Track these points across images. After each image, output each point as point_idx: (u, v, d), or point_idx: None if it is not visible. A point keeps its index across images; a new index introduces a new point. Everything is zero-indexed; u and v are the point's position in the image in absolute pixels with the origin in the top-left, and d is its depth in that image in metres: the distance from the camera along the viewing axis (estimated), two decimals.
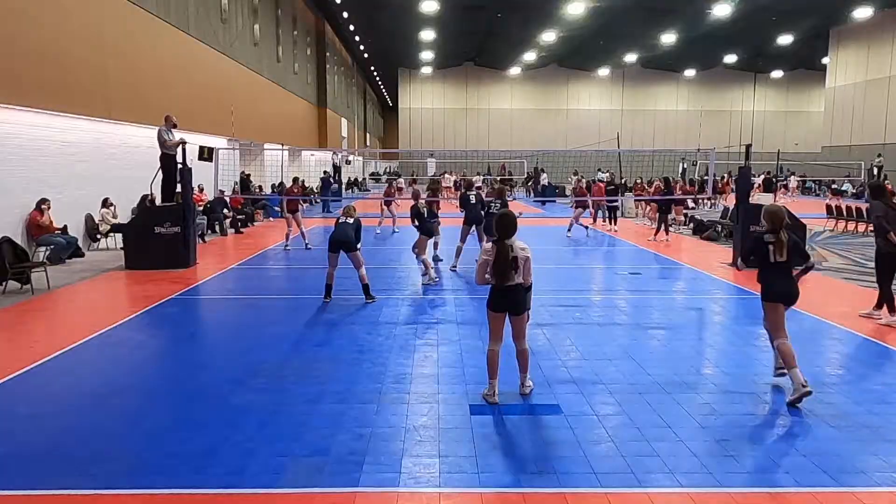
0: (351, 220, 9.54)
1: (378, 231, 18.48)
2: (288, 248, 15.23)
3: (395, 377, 6.24)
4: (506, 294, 5.49)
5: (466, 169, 43.22)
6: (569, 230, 18.15)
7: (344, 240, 9.33)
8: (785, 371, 5.76)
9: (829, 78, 42.61)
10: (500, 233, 5.46)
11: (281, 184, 22.66)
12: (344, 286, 10.88)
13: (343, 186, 36.63)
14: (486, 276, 5.51)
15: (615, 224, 20.00)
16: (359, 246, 9.53)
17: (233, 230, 18.69)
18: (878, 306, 8.48)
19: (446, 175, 36.35)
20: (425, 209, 11.79)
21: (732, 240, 13.97)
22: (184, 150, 13.20)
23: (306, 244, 15.39)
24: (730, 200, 22.97)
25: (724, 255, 13.89)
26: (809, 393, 5.43)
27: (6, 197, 11.87)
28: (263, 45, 28.26)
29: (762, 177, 30.51)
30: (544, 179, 33.32)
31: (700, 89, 58.61)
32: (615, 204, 20.38)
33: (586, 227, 18.66)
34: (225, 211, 18.99)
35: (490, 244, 5.55)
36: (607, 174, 26.71)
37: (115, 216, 14.96)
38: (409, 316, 8.75)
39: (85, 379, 6.29)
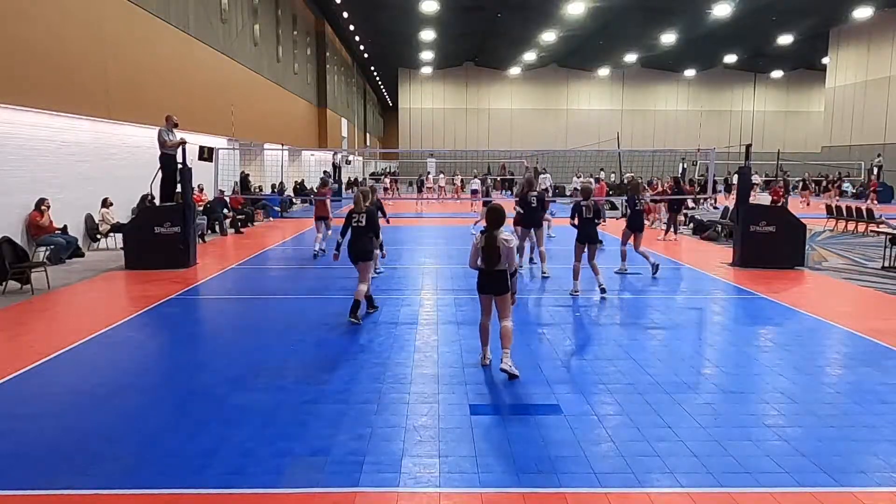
0: (363, 222, 8.35)
1: None
2: None
3: (395, 377, 6.24)
4: (490, 278, 6.27)
5: (466, 168, 43.18)
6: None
7: (361, 249, 8.32)
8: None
9: (829, 78, 42.62)
10: (490, 224, 6.20)
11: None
12: (344, 286, 10.88)
13: (343, 186, 36.61)
14: (478, 262, 6.30)
15: None
16: (378, 247, 8.33)
17: (233, 230, 18.69)
18: None
19: (430, 176, 36.03)
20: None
21: (732, 240, 13.96)
22: (184, 150, 13.20)
23: None
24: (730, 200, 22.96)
25: (725, 255, 13.88)
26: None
27: (6, 197, 11.87)
28: (263, 45, 28.26)
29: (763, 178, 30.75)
30: (546, 182, 31.81)
31: (700, 89, 58.63)
32: None
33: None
34: (225, 211, 18.99)
35: (479, 234, 6.27)
36: (629, 175, 26.49)
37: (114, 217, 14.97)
38: (409, 316, 8.74)
39: (85, 379, 6.29)
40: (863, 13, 35.37)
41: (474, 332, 7.75)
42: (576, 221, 10.20)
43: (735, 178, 33.74)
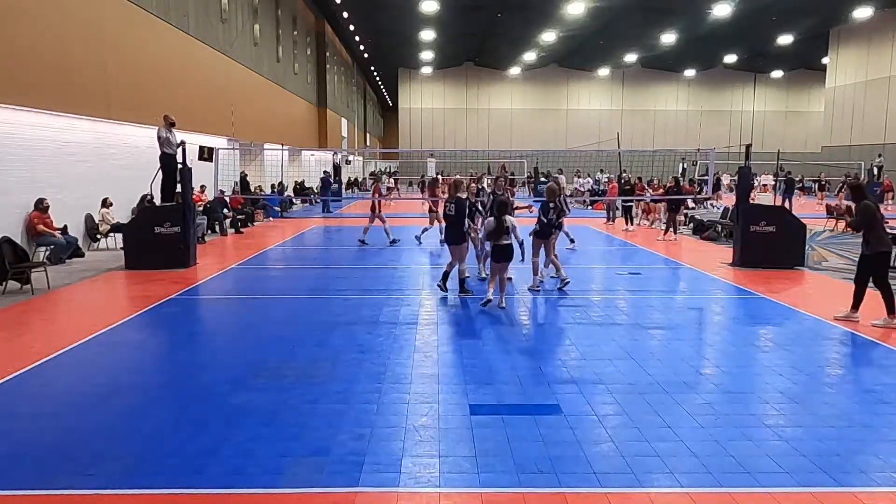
0: (453, 211, 9.89)
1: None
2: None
3: (395, 377, 6.24)
4: (503, 250, 8.96)
5: (464, 168, 43.13)
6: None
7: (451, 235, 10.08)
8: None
9: (829, 78, 42.61)
10: (499, 212, 9.01)
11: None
12: (343, 286, 10.90)
13: (343, 186, 36.63)
14: (488, 237, 9.07)
15: (632, 224, 20.01)
16: (468, 225, 9.93)
17: (232, 230, 18.69)
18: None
19: (438, 176, 35.89)
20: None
21: (732, 240, 13.96)
22: (184, 151, 13.21)
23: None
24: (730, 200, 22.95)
25: (725, 255, 13.88)
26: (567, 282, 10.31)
27: (6, 197, 11.87)
28: (263, 45, 28.26)
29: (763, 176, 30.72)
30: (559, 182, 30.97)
31: (700, 89, 58.66)
32: (630, 204, 20.38)
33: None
34: (225, 211, 18.98)
35: (492, 218, 9.02)
36: (626, 175, 26.44)
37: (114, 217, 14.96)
38: (409, 316, 8.74)
39: (85, 379, 6.29)
40: (863, 13, 35.38)
41: (474, 332, 7.80)
42: (543, 219, 10.48)
43: (727, 178, 34.00)
